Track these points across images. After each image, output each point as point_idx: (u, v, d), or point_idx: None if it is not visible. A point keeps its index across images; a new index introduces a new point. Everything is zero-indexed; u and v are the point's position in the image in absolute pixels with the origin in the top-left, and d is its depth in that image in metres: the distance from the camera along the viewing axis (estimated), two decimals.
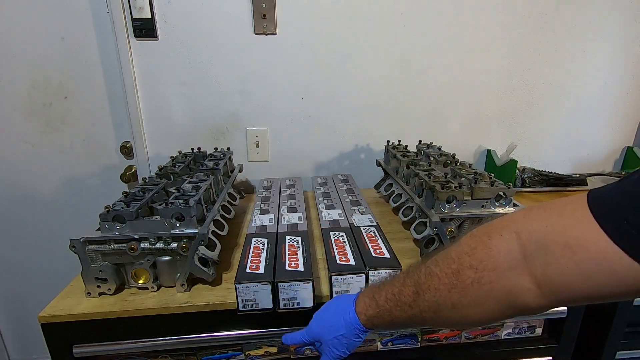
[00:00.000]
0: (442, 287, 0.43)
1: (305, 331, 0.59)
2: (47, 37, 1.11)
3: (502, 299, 0.39)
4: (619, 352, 0.92)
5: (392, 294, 0.49)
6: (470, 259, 0.40)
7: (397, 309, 0.48)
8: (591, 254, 0.33)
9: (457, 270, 0.41)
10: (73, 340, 0.69)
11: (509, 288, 0.38)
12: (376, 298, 0.51)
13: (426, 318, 0.46)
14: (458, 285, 0.41)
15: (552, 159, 1.40)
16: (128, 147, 1.24)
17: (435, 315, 0.44)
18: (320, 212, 0.92)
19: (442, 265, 0.43)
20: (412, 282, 0.47)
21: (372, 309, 0.52)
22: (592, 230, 0.33)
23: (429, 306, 0.44)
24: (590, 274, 0.33)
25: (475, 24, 1.20)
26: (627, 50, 1.29)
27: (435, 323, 0.46)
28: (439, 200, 0.78)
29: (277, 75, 1.20)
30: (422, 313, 0.45)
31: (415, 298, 0.46)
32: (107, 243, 0.69)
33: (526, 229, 0.38)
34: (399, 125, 1.30)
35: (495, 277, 0.39)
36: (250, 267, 0.67)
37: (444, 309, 0.43)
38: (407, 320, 0.48)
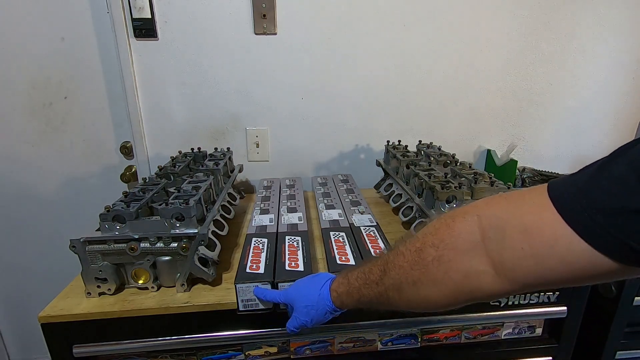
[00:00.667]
0: (406, 265, 0.43)
1: (282, 292, 0.62)
2: (47, 37, 1.11)
3: (459, 281, 0.40)
4: (619, 352, 0.92)
5: (362, 272, 0.50)
6: (433, 237, 0.42)
7: (365, 287, 0.49)
8: (544, 237, 0.34)
9: (420, 248, 0.42)
10: (73, 340, 0.69)
11: (466, 269, 0.39)
12: (348, 276, 0.53)
13: (390, 297, 0.46)
14: (420, 262, 0.42)
15: (552, 159, 1.40)
16: (128, 147, 1.24)
17: (398, 294, 0.45)
18: (320, 212, 0.92)
19: (408, 244, 0.44)
20: (382, 261, 0.48)
21: (343, 287, 0.53)
22: (550, 216, 0.34)
23: (393, 284, 0.45)
24: (543, 257, 0.34)
25: (476, 24, 1.20)
26: (627, 50, 1.29)
27: (398, 303, 0.47)
28: (439, 200, 0.78)
29: (277, 75, 1.20)
30: (387, 291, 0.46)
31: (382, 276, 0.47)
32: (107, 243, 0.69)
33: (487, 213, 0.39)
34: (399, 125, 1.30)
35: (454, 257, 0.40)
36: (250, 267, 0.67)
37: (405, 286, 0.44)
38: (374, 299, 0.49)
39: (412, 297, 0.44)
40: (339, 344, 0.78)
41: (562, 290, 0.78)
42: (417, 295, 0.44)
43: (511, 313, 0.79)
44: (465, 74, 1.26)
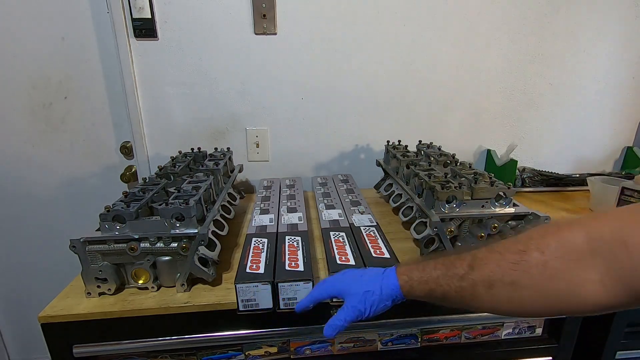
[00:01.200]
0: (504, 264, 0.42)
1: (323, 288, 0.57)
2: (47, 37, 1.11)
3: (563, 290, 0.39)
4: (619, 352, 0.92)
5: (443, 263, 0.48)
6: (538, 242, 0.41)
7: (445, 278, 0.47)
8: None
9: (524, 250, 0.41)
10: (73, 340, 0.69)
11: (571, 278, 0.39)
12: (422, 264, 0.50)
13: (477, 293, 0.44)
14: (522, 263, 0.41)
15: (552, 159, 1.40)
16: (128, 147, 1.24)
17: (487, 291, 0.43)
18: (320, 212, 0.92)
19: (507, 244, 0.43)
20: (469, 256, 0.46)
21: (416, 273, 0.50)
22: None
23: (484, 280, 0.43)
24: None
25: (476, 24, 1.20)
26: (627, 50, 1.29)
27: (484, 301, 0.44)
28: (439, 200, 0.78)
29: (277, 75, 1.20)
30: (475, 287, 0.44)
31: (469, 271, 0.45)
32: (107, 243, 0.69)
33: (596, 227, 0.38)
34: (399, 125, 1.30)
35: (560, 265, 0.39)
36: (250, 267, 0.67)
37: (500, 284, 0.42)
38: (452, 293, 0.46)
39: (504, 297, 0.43)
40: (339, 344, 0.78)
41: None
42: (511, 296, 0.42)
43: None
44: (466, 74, 1.26)
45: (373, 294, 0.52)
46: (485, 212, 0.79)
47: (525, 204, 0.82)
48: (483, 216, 0.79)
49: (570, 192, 1.29)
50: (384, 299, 0.52)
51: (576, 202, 1.19)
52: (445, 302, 0.48)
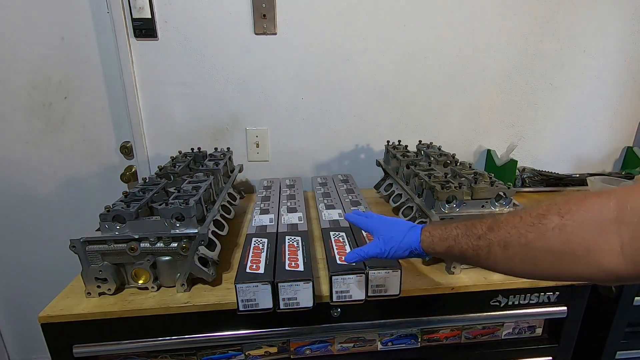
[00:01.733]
0: (521, 225, 0.43)
1: (367, 220, 0.64)
2: (47, 37, 1.11)
3: (580, 253, 0.39)
4: (619, 352, 0.92)
5: (465, 224, 0.50)
6: (560, 207, 0.41)
7: (464, 237, 0.49)
8: None
9: (542, 214, 0.41)
10: (73, 340, 0.69)
11: (589, 244, 0.38)
12: (445, 224, 0.54)
13: (492, 252, 0.46)
14: (538, 226, 0.41)
15: (552, 159, 1.40)
16: (128, 147, 1.24)
17: (502, 251, 0.44)
18: (320, 212, 0.92)
19: (530, 209, 0.44)
20: (490, 219, 0.48)
21: (438, 230, 0.54)
22: None
23: (500, 240, 0.44)
24: None
25: (476, 23, 1.20)
26: (627, 50, 1.29)
27: (498, 261, 0.46)
28: (439, 200, 0.78)
29: (277, 75, 1.20)
30: (491, 246, 0.45)
31: (488, 231, 0.46)
32: (107, 243, 0.69)
33: (628, 198, 0.38)
34: (399, 125, 1.30)
35: (579, 229, 0.39)
36: (250, 267, 0.67)
37: (515, 245, 0.43)
38: (469, 250, 0.48)
39: (517, 257, 0.43)
40: (339, 344, 0.78)
41: (562, 290, 0.78)
42: (524, 257, 0.43)
43: (511, 313, 0.79)
44: (465, 74, 1.26)
45: (395, 240, 0.58)
46: (485, 212, 0.78)
47: (526, 204, 0.82)
48: (483, 216, 0.79)
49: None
50: (402, 247, 0.57)
51: None
52: (462, 260, 0.51)
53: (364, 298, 0.67)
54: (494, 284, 0.76)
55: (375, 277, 0.67)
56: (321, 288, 0.72)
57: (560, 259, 0.40)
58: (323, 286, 0.72)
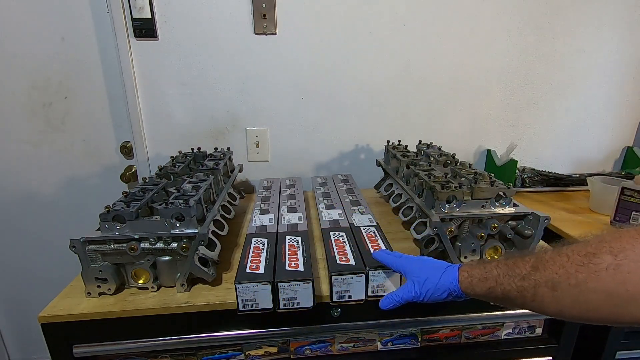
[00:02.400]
0: (569, 265, 0.41)
1: (399, 260, 0.62)
2: (47, 37, 1.11)
3: (636, 296, 0.37)
4: (619, 352, 0.92)
5: (505, 263, 0.48)
6: (611, 246, 0.38)
7: (506, 277, 0.47)
8: None
9: (593, 253, 0.39)
10: (73, 340, 0.69)
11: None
12: (484, 264, 0.52)
13: (539, 294, 0.44)
14: (590, 267, 0.39)
15: (552, 159, 1.40)
16: (128, 147, 1.24)
17: (551, 293, 0.42)
18: (320, 212, 0.92)
19: (576, 247, 0.42)
20: (532, 258, 0.46)
21: (477, 270, 0.52)
22: None
23: (547, 281, 0.42)
24: None
25: (476, 24, 1.20)
26: (627, 50, 1.29)
27: (546, 303, 0.43)
28: (439, 200, 0.78)
29: (277, 75, 1.20)
30: (537, 287, 0.43)
31: (532, 271, 0.44)
32: (107, 243, 0.69)
33: None
34: (399, 125, 1.30)
35: (636, 269, 0.36)
36: (250, 267, 0.67)
37: (564, 286, 0.41)
38: (513, 292, 0.46)
39: (568, 300, 0.41)
40: (339, 344, 0.78)
41: None
42: (575, 299, 0.41)
43: (511, 313, 0.79)
44: (465, 74, 1.26)
45: (431, 282, 0.56)
46: (485, 212, 0.79)
47: (525, 204, 0.82)
48: (483, 216, 0.79)
49: (570, 192, 1.29)
50: (440, 289, 0.55)
51: (576, 202, 1.19)
52: (505, 302, 0.49)
53: (364, 298, 0.67)
54: None
55: (376, 277, 0.67)
56: (321, 288, 0.72)
57: (616, 301, 0.38)
58: (323, 286, 0.72)
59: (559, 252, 0.43)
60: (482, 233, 0.78)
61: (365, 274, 0.66)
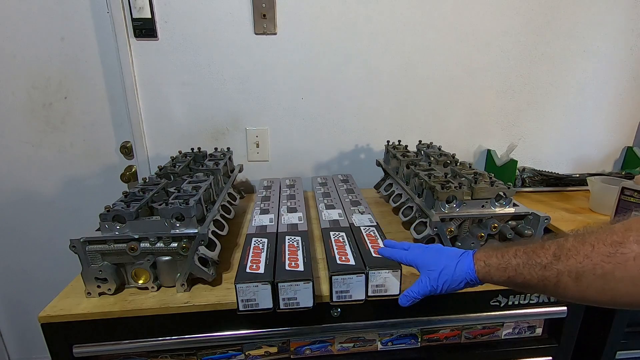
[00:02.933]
0: (594, 255, 0.41)
1: (405, 253, 0.60)
2: (47, 37, 1.11)
3: None
4: (619, 352, 0.92)
5: (524, 251, 0.48)
6: (638, 235, 0.38)
7: (526, 267, 0.47)
8: None
9: (620, 242, 0.39)
10: (73, 340, 0.69)
11: None
12: (501, 251, 0.51)
13: (562, 283, 0.43)
14: (616, 255, 0.39)
15: (552, 159, 1.40)
16: (128, 147, 1.24)
17: (574, 282, 0.42)
18: (320, 212, 0.92)
19: (600, 234, 0.41)
20: (554, 245, 0.45)
21: (494, 259, 0.51)
22: None
23: (571, 271, 0.42)
24: None
25: (476, 23, 1.20)
26: (627, 50, 1.29)
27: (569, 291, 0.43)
28: (439, 200, 0.78)
29: (277, 75, 1.20)
30: (560, 276, 0.43)
31: (554, 260, 0.44)
32: (107, 243, 0.69)
33: None
34: (399, 125, 1.30)
35: None
36: (250, 267, 0.67)
37: (589, 276, 0.41)
38: (533, 281, 0.46)
39: (593, 288, 0.41)
40: (339, 344, 0.78)
41: None
42: (601, 288, 0.41)
43: (511, 313, 0.79)
44: (466, 73, 1.26)
45: (447, 273, 0.55)
46: (485, 212, 0.79)
47: (525, 204, 0.82)
48: (483, 216, 0.79)
49: (570, 192, 1.29)
50: (456, 279, 0.54)
51: (576, 202, 1.19)
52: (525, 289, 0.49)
53: (364, 298, 0.68)
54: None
55: (376, 277, 0.67)
56: (321, 288, 0.72)
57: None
58: (323, 286, 0.72)
59: (582, 240, 0.43)
60: (482, 233, 0.78)
61: (365, 274, 0.66)
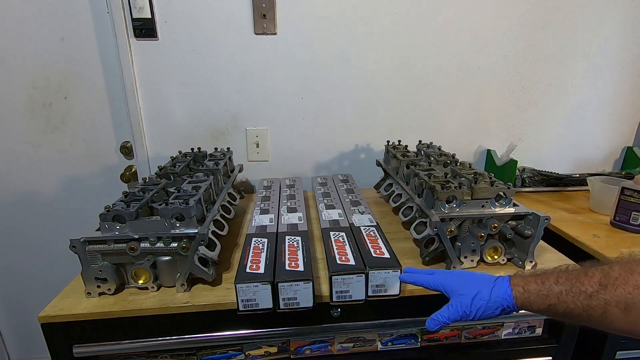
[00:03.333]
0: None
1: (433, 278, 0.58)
2: (47, 37, 1.11)
3: None
4: (619, 352, 0.92)
5: (567, 278, 0.46)
6: None
7: (569, 295, 0.45)
8: None
9: None
10: (73, 340, 0.69)
11: None
12: (541, 277, 0.49)
13: (609, 314, 0.42)
14: None
15: (552, 159, 1.40)
16: (128, 147, 1.24)
17: (624, 314, 0.41)
18: (320, 212, 0.92)
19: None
20: (598, 273, 0.43)
21: (533, 285, 0.49)
22: None
23: (620, 302, 0.41)
24: None
25: (476, 23, 1.20)
26: (627, 50, 1.29)
27: (616, 324, 0.42)
28: (439, 200, 0.78)
29: (277, 75, 1.20)
30: (608, 307, 0.42)
31: (601, 289, 0.42)
32: (107, 243, 0.69)
33: None
34: (399, 125, 1.30)
35: None
36: (250, 267, 0.67)
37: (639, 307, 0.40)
38: (577, 311, 0.44)
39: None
40: (339, 344, 0.78)
41: None
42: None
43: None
44: (465, 74, 1.26)
45: (481, 299, 0.52)
46: (485, 212, 0.79)
47: (525, 204, 0.82)
48: (483, 216, 0.79)
49: (570, 192, 1.29)
50: (491, 306, 0.52)
51: (576, 202, 1.19)
52: (567, 319, 0.47)
53: (364, 298, 0.67)
54: None
55: (376, 277, 0.67)
56: (321, 288, 0.72)
57: None
58: (323, 286, 0.72)
59: (630, 269, 0.41)
60: (482, 233, 0.78)
61: (365, 274, 0.66)
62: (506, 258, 0.82)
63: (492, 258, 0.81)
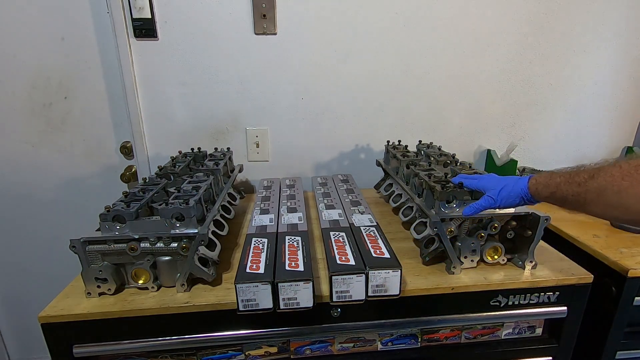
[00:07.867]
0: (617, 174, 0.48)
1: (477, 181, 0.73)
2: (47, 37, 1.11)
3: None
4: (619, 352, 0.92)
5: (569, 173, 0.57)
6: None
7: (565, 184, 0.56)
8: None
9: (638, 165, 0.47)
10: (73, 340, 0.69)
11: None
12: (551, 173, 0.61)
13: (587, 199, 0.52)
14: (634, 176, 0.46)
15: (552, 159, 1.40)
16: (128, 147, 1.24)
17: (597, 197, 0.50)
18: (320, 212, 0.92)
19: (631, 160, 0.49)
20: (592, 169, 0.53)
21: (543, 179, 0.61)
22: None
23: (597, 188, 0.50)
24: None
25: (476, 23, 1.20)
26: (626, 50, 1.29)
27: (592, 206, 0.52)
28: (439, 200, 0.78)
29: (277, 75, 1.20)
30: (587, 193, 0.52)
31: (588, 179, 0.52)
32: (107, 243, 0.69)
33: None
34: (399, 125, 1.30)
35: None
36: (250, 267, 0.67)
37: (609, 192, 0.49)
38: (568, 197, 0.55)
39: (610, 204, 0.49)
40: (339, 344, 0.78)
41: (562, 290, 0.78)
42: (617, 203, 0.48)
43: (511, 313, 0.79)
44: (466, 74, 1.26)
45: (506, 190, 0.66)
46: (485, 212, 0.78)
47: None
48: (483, 216, 0.79)
49: None
50: (513, 195, 0.65)
51: None
52: (564, 205, 0.57)
53: (364, 298, 0.67)
54: (494, 284, 0.76)
55: (376, 277, 0.67)
56: (321, 288, 0.72)
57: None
58: (323, 286, 0.72)
59: (616, 163, 0.50)
60: (482, 233, 0.78)
61: (365, 274, 0.66)
62: (506, 258, 0.82)
63: (492, 258, 0.81)
